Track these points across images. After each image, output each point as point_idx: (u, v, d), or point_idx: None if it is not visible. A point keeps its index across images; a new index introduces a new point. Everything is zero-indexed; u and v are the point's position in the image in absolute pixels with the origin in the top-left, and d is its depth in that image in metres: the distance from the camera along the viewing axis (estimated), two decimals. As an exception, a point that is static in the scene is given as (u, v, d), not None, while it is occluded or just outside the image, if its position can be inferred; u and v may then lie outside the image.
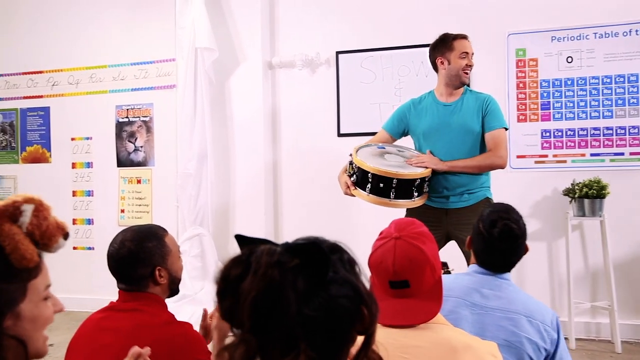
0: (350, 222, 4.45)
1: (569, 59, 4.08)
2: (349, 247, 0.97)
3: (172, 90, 4.90)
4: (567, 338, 3.72)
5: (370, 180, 2.89)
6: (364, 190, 2.92)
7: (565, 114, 4.10)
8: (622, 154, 3.99)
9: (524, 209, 4.12)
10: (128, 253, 1.78)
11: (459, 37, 3.10)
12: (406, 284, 1.42)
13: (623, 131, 3.99)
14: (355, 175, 2.96)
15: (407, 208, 3.07)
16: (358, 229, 4.30)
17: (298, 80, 4.69)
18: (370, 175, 2.89)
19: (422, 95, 3.26)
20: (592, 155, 4.05)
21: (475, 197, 3.05)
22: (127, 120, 5.07)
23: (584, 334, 4.02)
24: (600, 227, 3.87)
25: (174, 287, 1.89)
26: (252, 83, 4.68)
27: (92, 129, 5.18)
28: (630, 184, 3.96)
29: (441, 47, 3.11)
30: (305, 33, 4.67)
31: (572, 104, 4.09)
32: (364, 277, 0.96)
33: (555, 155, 4.12)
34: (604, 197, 3.78)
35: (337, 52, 4.59)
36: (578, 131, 4.07)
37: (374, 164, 2.90)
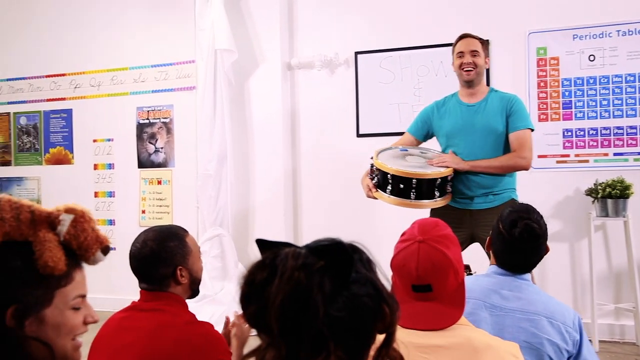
0: (371, 222, 4.44)
1: (591, 58, 4.03)
2: (367, 247, 0.98)
3: (192, 92, 4.94)
4: (590, 340, 3.66)
5: (390, 181, 2.90)
6: (385, 192, 2.93)
7: (588, 113, 4.05)
8: (646, 153, 3.94)
9: (546, 210, 4.08)
10: (150, 252, 1.80)
11: (459, 37, 3.17)
12: (429, 288, 1.41)
13: (647, 130, 3.93)
14: (376, 178, 2.98)
15: (433, 209, 3.06)
16: (378, 229, 4.29)
17: (317, 81, 4.70)
18: (389, 176, 2.90)
19: (446, 97, 3.27)
20: (615, 154, 3.99)
21: (501, 198, 3.03)
22: (147, 121, 5.12)
23: (607, 336, 3.97)
24: (624, 227, 3.81)
25: (194, 288, 1.90)
26: (271, 84, 4.69)
27: (114, 131, 5.23)
28: (655, 183, 3.89)
29: (452, 48, 3.20)
30: (324, 34, 4.67)
31: (594, 103, 4.03)
32: (382, 276, 0.97)
33: (577, 155, 4.07)
34: (627, 197, 3.72)
35: (356, 53, 4.58)
36: (601, 130, 4.02)
37: (394, 165, 2.91)
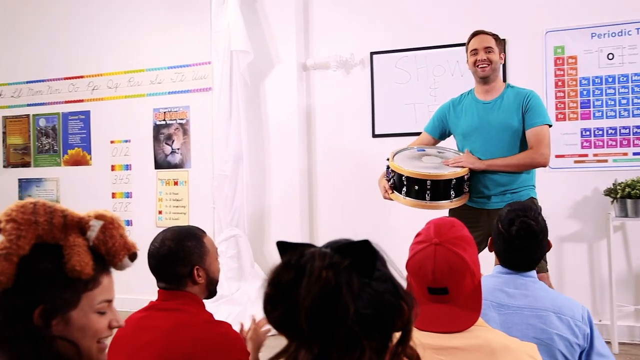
0: (386, 223, 4.43)
1: (610, 56, 3.98)
2: (383, 246, 0.98)
3: (208, 93, 4.97)
4: (609, 342, 3.63)
5: (405, 183, 2.90)
6: (401, 193, 2.93)
7: (606, 112, 4.00)
8: (666, 152, 3.89)
9: (564, 210, 4.05)
10: (168, 251, 1.83)
11: (472, 34, 3.15)
12: (445, 290, 1.41)
13: (667, 129, 3.88)
14: (392, 179, 2.98)
15: (451, 209, 3.04)
16: (394, 230, 4.28)
17: (332, 81, 4.70)
18: (404, 178, 2.89)
19: (462, 95, 3.24)
20: (635, 154, 3.94)
21: (519, 196, 2.98)
22: (164, 122, 5.15)
23: (627, 337, 3.92)
24: (643, 228, 3.78)
25: (211, 288, 1.92)
26: (286, 85, 4.70)
27: (131, 132, 5.28)
28: (675, 183, 3.84)
29: (466, 46, 3.18)
30: (339, 34, 4.67)
31: (613, 102, 3.99)
32: (398, 274, 0.98)
33: (595, 155, 4.03)
34: (647, 197, 3.68)
35: (372, 53, 4.58)
36: (620, 130, 3.97)
37: (408, 167, 2.91)
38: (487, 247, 1.98)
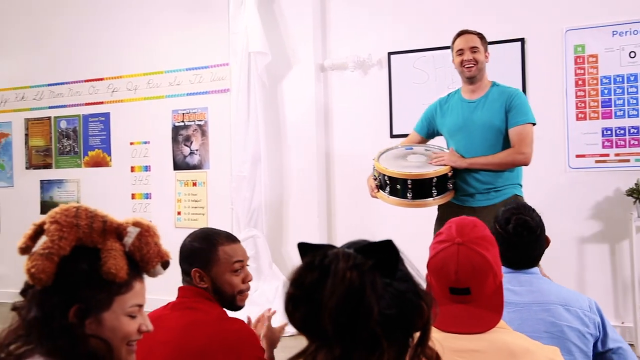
0: (404, 223, 4.41)
1: (632, 54, 3.93)
2: (401, 247, 0.98)
3: (226, 94, 4.99)
4: (632, 344, 3.57)
5: (388, 182, 2.99)
6: (385, 192, 3.03)
7: (628, 111, 3.95)
8: (690, 152, 3.82)
9: (585, 211, 4.00)
10: (182, 246, 1.90)
11: (457, 34, 3.15)
12: (467, 291, 1.40)
13: (691, 128, 3.81)
14: (378, 179, 3.07)
15: (439, 206, 3.11)
16: (412, 230, 4.26)
17: (350, 82, 4.69)
18: (387, 177, 2.98)
19: (450, 94, 3.28)
20: (658, 153, 3.88)
21: (503, 194, 3.01)
22: (182, 124, 5.19)
23: (650, 340, 3.86)
24: (667, 228, 3.71)
25: (223, 300, 1.85)
26: (304, 86, 4.71)
27: (150, 134, 5.32)
28: (700, 183, 3.77)
29: (451, 46, 3.18)
30: (357, 35, 4.66)
31: (635, 101, 3.93)
32: (416, 273, 0.98)
33: (617, 155, 3.97)
34: (671, 198, 3.62)
35: (389, 53, 4.56)
36: (642, 129, 3.91)
37: (391, 167, 3.00)
38: None
